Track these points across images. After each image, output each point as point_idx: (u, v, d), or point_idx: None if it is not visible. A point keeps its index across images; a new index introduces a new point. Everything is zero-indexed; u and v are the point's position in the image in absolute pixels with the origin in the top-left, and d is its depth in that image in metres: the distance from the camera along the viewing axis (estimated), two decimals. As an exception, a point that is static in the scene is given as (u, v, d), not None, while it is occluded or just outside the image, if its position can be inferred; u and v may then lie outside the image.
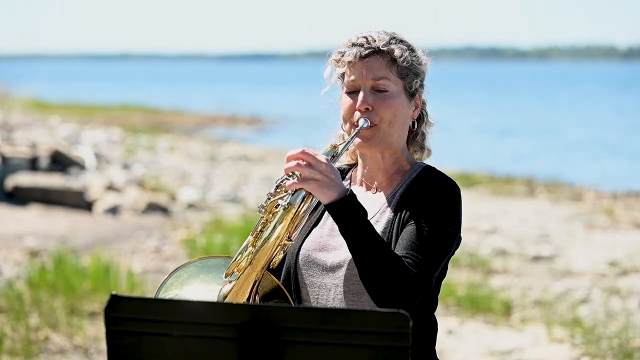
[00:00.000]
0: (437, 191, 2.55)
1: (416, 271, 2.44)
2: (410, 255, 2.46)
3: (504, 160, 21.12)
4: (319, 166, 2.42)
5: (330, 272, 2.58)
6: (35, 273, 7.82)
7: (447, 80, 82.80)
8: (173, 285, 2.54)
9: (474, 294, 8.08)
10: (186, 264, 2.59)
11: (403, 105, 2.62)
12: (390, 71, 2.60)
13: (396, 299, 2.40)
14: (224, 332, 1.99)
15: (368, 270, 2.40)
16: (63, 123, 26.81)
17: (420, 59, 2.66)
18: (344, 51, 2.63)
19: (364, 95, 2.59)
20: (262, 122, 34.28)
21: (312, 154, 2.43)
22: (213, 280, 2.53)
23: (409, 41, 2.66)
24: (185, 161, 19.90)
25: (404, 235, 2.51)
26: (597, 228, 12.16)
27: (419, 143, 2.74)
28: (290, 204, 2.42)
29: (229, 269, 2.48)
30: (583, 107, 43.83)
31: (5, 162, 13.04)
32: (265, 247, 2.44)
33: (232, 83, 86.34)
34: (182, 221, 11.93)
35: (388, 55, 2.60)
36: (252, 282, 2.46)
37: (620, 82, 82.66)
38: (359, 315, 1.98)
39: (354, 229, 2.41)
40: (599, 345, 6.78)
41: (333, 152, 2.59)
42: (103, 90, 60.19)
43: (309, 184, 2.41)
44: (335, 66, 2.66)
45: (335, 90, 2.70)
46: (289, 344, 1.98)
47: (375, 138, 2.60)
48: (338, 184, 2.43)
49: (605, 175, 18.76)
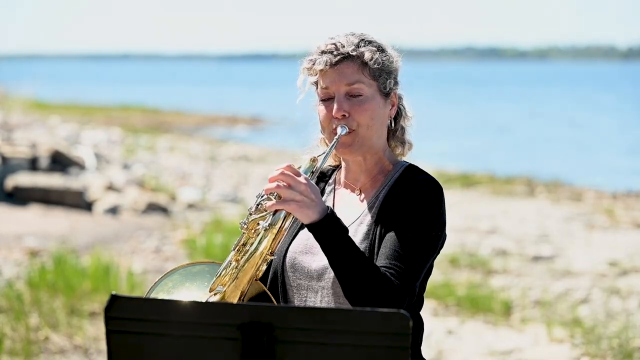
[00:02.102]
0: (418, 193, 2.54)
1: (399, 282, 2.44)
2: (393, 265, 2.46)
3: (504, 160, 21.12)
4: (299, 187, 2.42)
5: (316, 275, 2.59)
6: (35, 273, 7.81)
7: (447, 81, 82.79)
8: (159, 295, 2.56)
9: (474, 294, 8.08)
10: (171, 271, 2.61)
11: (379, 106, 2.62)
12: (362, 74, 2.59)
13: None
14: (224, 332, 1.99)
15: (351, 287, 2.42)
16: (63, 123, 26.82)
17: (391, 57, 2.65)
18: (314, 59, 2.61)
19: (339, 102, 2.58)
20: (262, 122, 34.27)
21: (292, 175, 2.43)
22: (197, 288, 2.55)
23: (378, 41, 2.64)
24: (185, 161, 19.90)
25: (386, 243, 2.51)
26: (597, 228, 12.15)
27: (399, 138, 2.74)
28: (272, 225, 2.46)
29: (213, 285, 2.50)
30: (583, 107, 43.83)
31: (5, 162, 13.04)
32: (248, 265, 2.47)
33: (232, 83, 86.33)
34: (182, 221, 11.93)
35: (358, 59, 2.59)
36: (237, 296, 2.49)
37: (620, 82, 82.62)
38: (359, 315, 1.98)
39: (335, 248, 2.42)
40: (599, 345, 6.78)
41: (312, 167, 2.58)
42: (103, 90, 60.19)
43: (289, 205, 2.42)
44: (307, 74, 2.65)
45: (311, 95, 2.69)
46: (289, 344, 1.98)
47: (355, 143, 2.60)
48: (318, 204, 2.44)
49: (605, 175, 18.76)
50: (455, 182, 16.16)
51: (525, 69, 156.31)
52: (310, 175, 2.55)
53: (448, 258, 9.72)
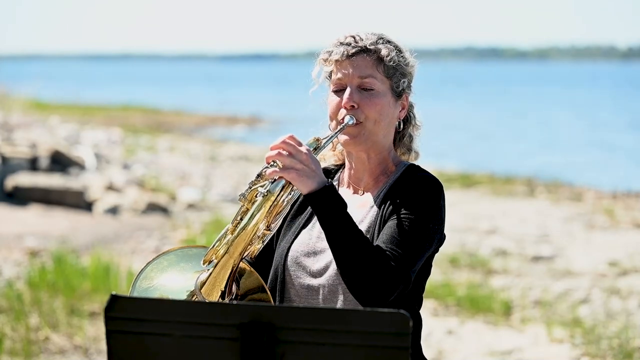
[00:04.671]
0: (418, 187, 2.56)
1: (394, 264, 2.44)
2: (389, 248, 2.47)
3: (504, 160, 21.11)
4: (300, 156, 2.43)
5: (317, 275, 2.60)
6: (35, 273, 7.82)
7: (447, 81, 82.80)
8: (152, 272, 2.55)
9: (474, 294, 8.08)
10: (167, 251, 2.59)
11: (389, 104, 2.63)
12: (376, 70, 2.61)
13: (374, 290, 2.40)
14: (224, 332, 1.99)
15: (346, 261, 2.41)
16: (63, 123, 26.81)
17: (407, 60, 2.67)
18: (331, 50, 2.65)
19: (350, 93, 2.60)
20: (262, 122, 34.26)
21: (294, 144, 2.44)
22: (192, 268, 2.54)
23: (397, 42, 2.67)
24: (185, 161, 19.90)
25: (384, 230, 2.52)
26: (597, 228, 12.15)
27: (407, 145, 2.75)
28: (270, 192, 2.43)
29: (207, 256, 2.49)
30: (583, 107, 43.82)
31: (5, 162, 13.05)
32: (243, 234, 2.44)
33: (232, 83, 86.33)
34: (182, 221, 11.93)
35: (375, 54, 2.62)
36: (229, 270, 2.47)
37: (620, 82, 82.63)
38: (359, 315, 1.98)
39: (332, 220, 2.42)
40: (599, 345, 6.78)
41: (316, 144, 2.60)
42: (103, 90, 60.18)
43: (289, 173, 2.42)
44: (322, 65, 2.68)
45: (323, 89, 2.71)
46: (289, 344, 1.98)
47: (361, 136, 2.61)
48: (318, 175, 2.44)
49: (606, 175, 18.76)
50: (455, 182, 16.16)
51: (525, 69, 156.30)
52: (313, 151, 2.54)
53: (448, 258, 9.72)
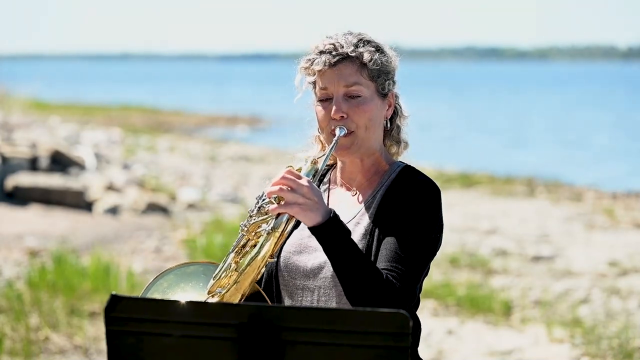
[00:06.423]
0: (417, 195, 2.53)
1: (400, 284, 2.44)
2: (393, 268, 2.45)
3: (504, 160, 21.11)
4: (301, 189, 2.41)
5: (312, 275, 2.58)
6: (35, 273, 7.81)
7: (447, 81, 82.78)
8: (154, 296, 2.56)
9: (474, 294, 8.08)
10: (165, 272, 2.60)
11: (377, 107, 2.60)
12: (361, 75, 2.57)
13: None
14: (224, 332, 1.99)
15: (353, 290, 2.41)
16: (63, 123, 26.82)
17: (389, 57, 2.63)
18: (312, 59, 2.59)
19: (338, 104, 2.56)
20: (262, 122, 34.26)
21: (293, 178, 2.42)
22: (193, 289, 2.55)
23: (376, 40, 2.62)
24: (185, 161, 19.91)
25: (386, 245, 2.50)
26: (597, 228, 12.15)
27: (395, 137, 2.72)
28: (275, 229, 2.44)
29: (212, 287, 2.50)
30: (583, 107, 43.82)
31: (5, 162, 13.04)
32: (252, 266, 2.46)
33: (232, 83, 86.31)
34: (182, 221, 11.93)
35: (357, 60, 2.57)
36: (238, 299, 2.49)
37: (620, 82, 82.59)
38: (359, 315, 1.98)
39: (338, 250, 2.41)
40: (599, 346, 6.78)
41: (314, 169, 2.58)
42: (103, 90, 60.18)
43: (292, 208, 2.41)
44: (304, 74, 2.63)
45: (308, 94, 2.68)
46: (288, 344, 1.98)
47: (354, 145, 2.59)
48: (321, 206, 2.42)
49: (606, 175, 18.76)
50: (455, 182, 16.16)
51: (525, 69, 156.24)
52: (312, 179, 2.54)
53: (448, 258, 9.72)
